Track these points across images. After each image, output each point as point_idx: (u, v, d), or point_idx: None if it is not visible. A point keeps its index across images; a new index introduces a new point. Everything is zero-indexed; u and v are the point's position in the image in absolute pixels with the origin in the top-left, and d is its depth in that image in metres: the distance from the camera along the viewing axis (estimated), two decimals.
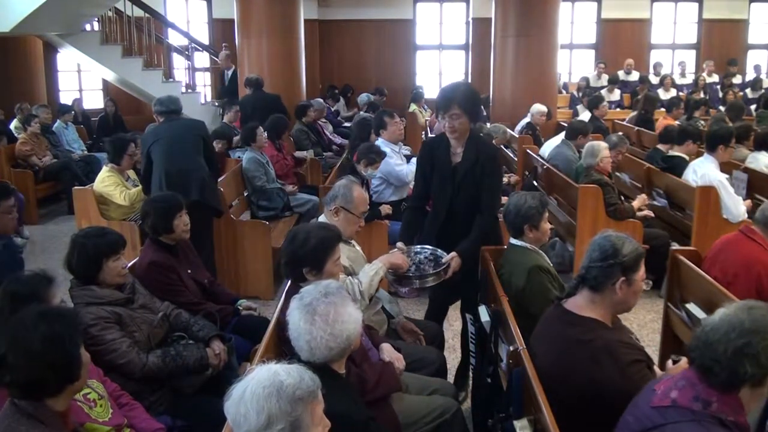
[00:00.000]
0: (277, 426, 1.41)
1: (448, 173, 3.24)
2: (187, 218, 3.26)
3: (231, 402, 1.46)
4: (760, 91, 10.87)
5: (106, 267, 2.62)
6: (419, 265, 3.09)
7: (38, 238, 6.46)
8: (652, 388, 1.82)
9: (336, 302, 1.98)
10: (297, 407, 1.43)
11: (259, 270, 4.88)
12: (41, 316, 1.78)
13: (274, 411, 1.41)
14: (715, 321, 1.72)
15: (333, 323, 1.95)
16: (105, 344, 2.49)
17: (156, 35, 10.15)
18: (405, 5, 13.28)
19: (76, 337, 1.81)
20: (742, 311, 1.71)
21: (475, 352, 3.04)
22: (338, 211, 3.01)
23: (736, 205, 4.73)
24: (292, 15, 8.57)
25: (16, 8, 7.63)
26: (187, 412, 2.59)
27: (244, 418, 1.42)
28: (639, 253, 2.17)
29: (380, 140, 5.18)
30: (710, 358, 1.67)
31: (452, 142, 3.24)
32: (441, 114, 3.20)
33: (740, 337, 1.65)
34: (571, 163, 5.83)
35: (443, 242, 3.21)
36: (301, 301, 1.99)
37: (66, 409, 1.86)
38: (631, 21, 13.18)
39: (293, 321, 1.98)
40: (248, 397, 1.43)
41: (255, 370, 1.50)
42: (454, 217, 3.25)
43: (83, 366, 1.83)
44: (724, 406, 1.67)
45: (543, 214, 2.96)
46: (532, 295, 2.78)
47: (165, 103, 4.66)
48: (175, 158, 4.42)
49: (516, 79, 8.81)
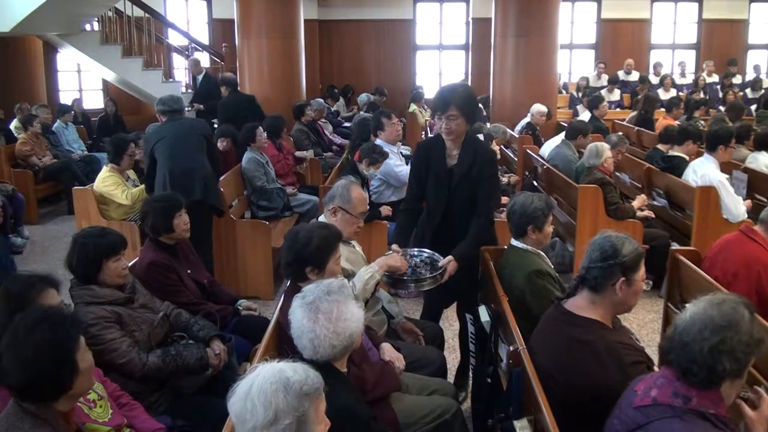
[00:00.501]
0: (284, 421, 1.42)
1: (443, 175, 3.20)
2: (187, 217, 3.26)
3: (236, 398, 1.47)
4: (760, 91, 10.87)
5: (106, 267, 2.62)
6: (415, 269, 3.06)
7: (38, 238, 6.45)
8: (633, 389, 1.82)
9: (339, 300, 1.99)
10: (303, 403, 1.45)
11: (259, 270, 4.88)
12: (37, 322, 1.77)
13: (282, 406, 1.42)
14: (686, 320, 1.72)
15: (336, 321, 1.96)
16: (105, 344, 2.49)
17: (156, 35, 10.15)
18: (405, 5, 13.28)
19: (70, 344, 1.78)
20: (711, 307, 1.70)
21: (475, 352, 3.04)
22: (336, 211, 3.00)
23: (736, 205, 4.72)
24: (292, 15, 8.57)
25: (16, 8, 7.64)
26: (187, 412, 2.59)
27: (251, 413, 1.42)
28: (639, 253, 2.16)
29: (379, 141, 5.18)
30: (687, 360, 1.67)
31: (448, 144, 3.20)
32: (438, 115, 3.17)
33: (714, 334, 1.65)
34: (571, 163, 5.84)
35: (438, 244, 3.19)
36: (303, 299, 2.00)
37: (70, 410, 1.86)
38: (631, 21, 13.18)
39: (296, 319, 1.99)
40: (255, 392, 1.44)
41: (258, 368, 1.51)
42: (449, 219, 3.23)
43: (80, 374, 1.79)
44: (704, 400, 1.68)
45: (548, 217, 2.95)
46: (533, 298, 2.78)
47: (168, 103, 4.70)
48: (179, 158, 4.44)
49: (516, 79, 8.81)
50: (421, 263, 3.12)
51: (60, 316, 1.82)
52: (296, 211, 5.90)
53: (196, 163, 4.46)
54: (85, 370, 1.82)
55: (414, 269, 3.05)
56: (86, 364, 1.83)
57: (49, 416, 1.75)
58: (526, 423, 2.19)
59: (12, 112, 8.23)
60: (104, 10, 9.49)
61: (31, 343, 1.72)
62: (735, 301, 1.73)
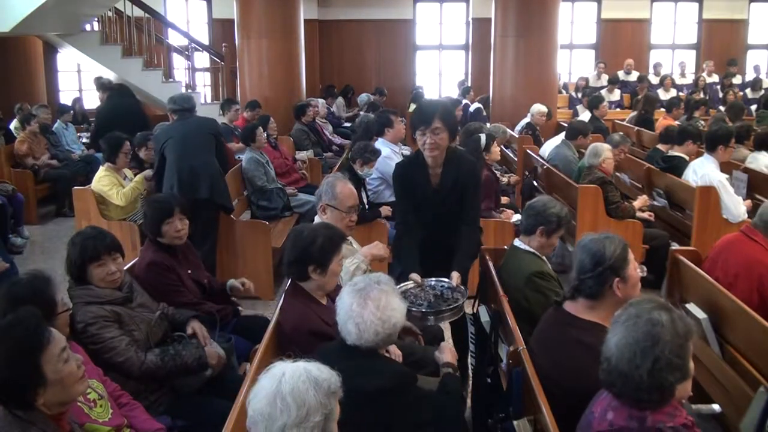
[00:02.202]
0: (314, 418, 1.48)
1: (430, 194, 3.04)
2: (180, 224, 3.17)
3: (262, 397, 1.49)
4: (760, 91, 10.87)
5: (90, 272, 2.60)
6: (433, 300, 2.81)
7: (38, 238, 6.45)
8: (591, 410, 1.81)
9: (387, 291, 2.13)
10: (331, 400, 1.52)
11: (259, 270, 4.87)
12: (4, 330, 1.76)
13: (313, 404, 1.48)
14: (613, 351, 1.70)
15: (384, 309, 2.08)
16: (103, 342, 2.48)
17: (156, 35, 10.14)
18: (405, 5, 13.28)
19: (33, 354, 1.73)
20: (630, 330, 1.68)
21: (475, 352, 3.03)
22: (325, 208, 3.04)
23: (736, 206, 4.72)
24: (292, 15, 8.56)
25: (16, 8, 7.63)
26: (187, 412, 2.59)
27: (282, 411, 1.46)
28: (623, 248, 2.17)
29: (381, 140, 5.18)
30: (633, 389, 1.67)
31: (430, 162, 2.99)
32: (421, 130, 2.92)
33: (645, 357, 1.64)
34: (571, 163, 5.84)
35: (428, 251, 3.03)
36: (354, 286, 2.13)
37: (60, 414, 1.83)
38: (631, 21, 13.18)
39: (344, 304, 2.11)
40: (287, 391, 1.48)
41: (276, 368, 1.55)
42: (438, 230, 3.08)
43: (48, 384, 1.74)
44: (659, 416, 1.67)
45: (561, 227, 2.95)
46: (533, 299, 2.78)
47: (178, 102, 4.79)
48: (187, 156, 4.53)
49: (516, 79, 8.81)
50: (439, 294, 2.85)
51: (23, 328, 1.77)
52: (296, 211, 5.91)
53: (203, 162, 4.53)
54: (57, 380, 1.76)
55: (431, 301, 2.79)
56: (60, 374, 1.77)
57: (38, 420, 1.74)
58: (526, 423, 2.19)
59: (12, 112, 8.22)
60: (104, 10, 9.48)
61: (2, 350, 1.71)
62: (647, 309, 1.70)
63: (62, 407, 1.84)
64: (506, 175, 6.43)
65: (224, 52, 10.14)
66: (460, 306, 2.75)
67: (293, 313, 2.55)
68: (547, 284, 2.81)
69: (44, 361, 1.75)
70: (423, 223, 3.08)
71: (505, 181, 6.09)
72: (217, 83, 10.58)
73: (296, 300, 2.59)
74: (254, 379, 2.11)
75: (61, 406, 1.83)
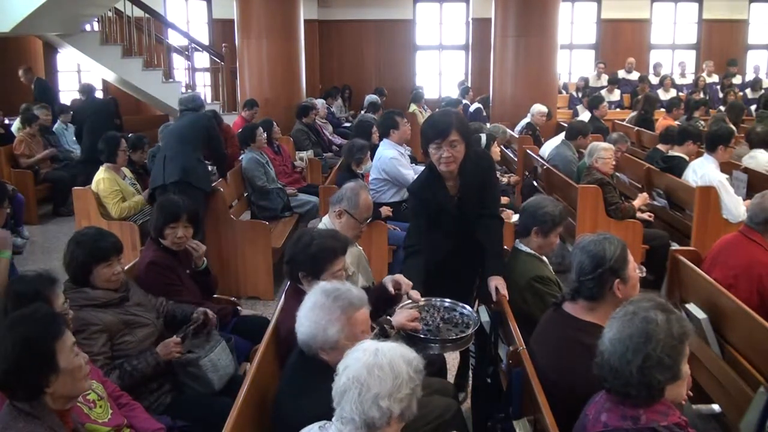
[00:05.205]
0: (404, 391, 1.56)
1: (450, 208, 2.92)
2: (182, 231, 3.19)
3: (361, 366, 1.56)
4: (760, 91, 10.87)
5: (96, 273, 2.59)
6: (441, 325, 2.60)
7: (38, 238, 6.46)
8: (585, 413, 1.82)
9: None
10: (419, 377, 1.60)
11: (259, 270, 4.88)
12: (19, 319, 1.79)
13: (406, 378, 1.57)
14: (607, 346, 1.72)
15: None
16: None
17: (156, 35, 10.14)
18: (405, 5, 13.28)
19: (47, 341, 1.77)
20: (625, 326, 1.70)
21: (475, 352, 3.03)
22: (342, 214, 2.98)
23: (736, 206, 4.72)
24: (292, 15, 8.57)
25: (16, 8, 7.64)
26: (187, 412, 2.58)
27: (379, 380, 1.54)
28: (622, 249, 2.17)
29: (386, 141, 5.16)
30: (622, 385, 1.68)
31: (445, 175, 2.85)
32: (437, 144, 2.75)
33: (636, 354, 1.65)
34: (571, 163, 5.84)
35: (454, 263, 2.97)
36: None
37: (65, 409, 1.85)
38: (631, 21, 13.19)
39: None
40: (385, 362, 1.56)
41: (365, 343, 1.64)
42: (460, 242, 2.98)
43: (61, 373, 1.77)
44: (652, 415, 1.68)
45: (557, 226, 2.93)
46: (533, 302, 2.78)
47: (183, 102, 5.20)
48: (166, 147, 4.92)
49: (516, 79, 8.82)
50: (447, 319, 2.64)
51: (42, 315, 1.83)
52: (296, 211, 5.90)
53: (178, 152, 4.77)
54: (69, 370, 1.80)
55: (438, 327, 2.58)
56: (71, 365, 1.81)
57: (43, 415, 1.75)
58: (526, 423, 2.19)
59: (11, 112, 8.22)
60: (104, 11, 9.48)
61: (10, 339, 1.74)
62: (645, 308, 1.71)
63: (67, 402, 1.85)
64: (506, 175, 6.43)
65: (224, 53, 10.14)
66: (469, 337, 2.54)
67: (291, 316, 2.53)
68: (546, 289, 2.80)
69: (59, 349, 1.79)
70: (445, 232, 2.95)
71: (505, 182, 6.09)
72: (217, 83, 10.57)
73: (295, 301, 2.56)
74: (254, 379, 2.13)
75: (66, 401, 1.85)
